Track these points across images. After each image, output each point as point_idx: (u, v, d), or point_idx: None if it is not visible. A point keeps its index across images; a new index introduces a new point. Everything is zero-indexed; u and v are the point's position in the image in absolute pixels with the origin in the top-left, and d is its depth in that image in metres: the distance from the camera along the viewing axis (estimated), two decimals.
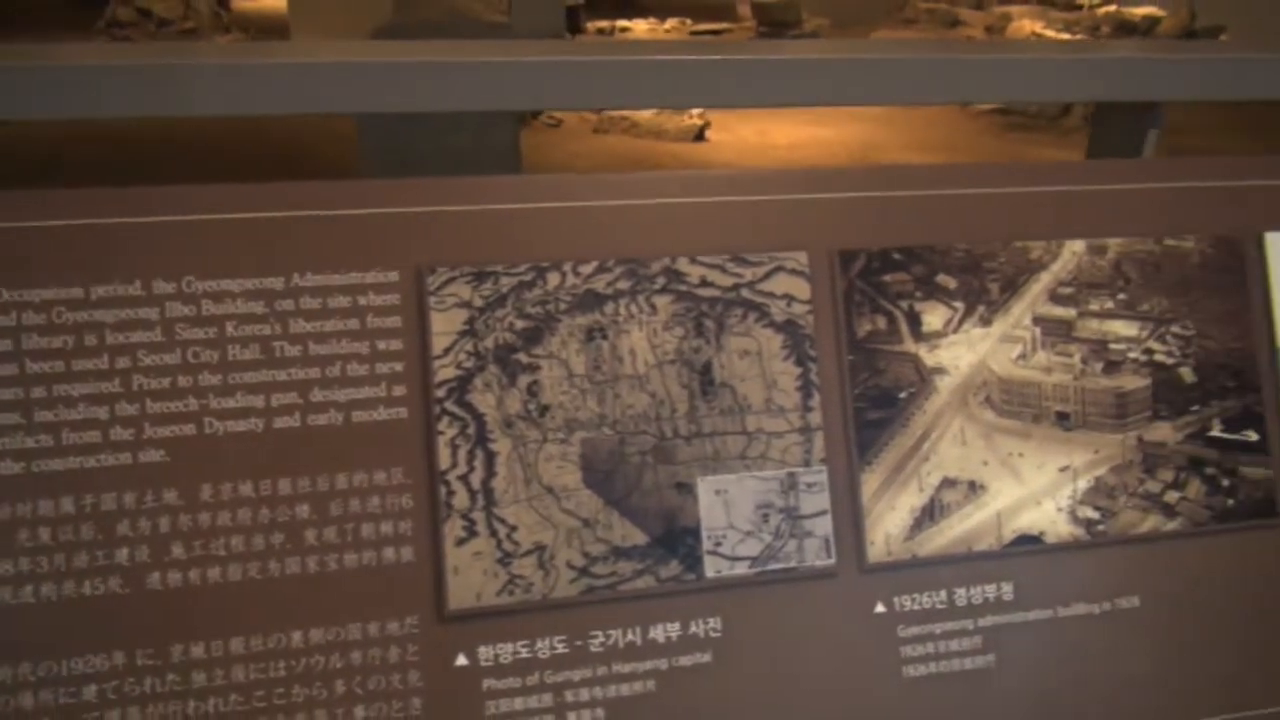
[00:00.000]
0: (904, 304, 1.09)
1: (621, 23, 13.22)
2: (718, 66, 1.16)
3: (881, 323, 1.08)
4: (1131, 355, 1.14)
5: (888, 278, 1.09)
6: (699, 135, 8.29)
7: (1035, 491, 1.10)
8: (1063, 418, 1.12)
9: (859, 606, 1.05)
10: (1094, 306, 1.14)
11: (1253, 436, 1.16)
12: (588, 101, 1.16)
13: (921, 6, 13.33)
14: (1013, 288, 1.12)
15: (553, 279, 1.02)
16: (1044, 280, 1.13)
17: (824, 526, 1.05)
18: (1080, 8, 13.03)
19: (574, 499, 1.00)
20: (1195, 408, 1.15)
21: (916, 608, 1.06)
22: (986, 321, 1.11)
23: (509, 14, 9.19)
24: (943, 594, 1.06)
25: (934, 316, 1.10)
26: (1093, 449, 1.12)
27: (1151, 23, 11.69)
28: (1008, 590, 1.08)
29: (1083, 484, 1.11)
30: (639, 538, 1.01)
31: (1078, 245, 1.14)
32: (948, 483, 1.08)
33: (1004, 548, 1.08)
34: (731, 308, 1.05)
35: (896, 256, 1.10)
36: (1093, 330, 1.13)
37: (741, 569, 1.03)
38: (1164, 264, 1.16)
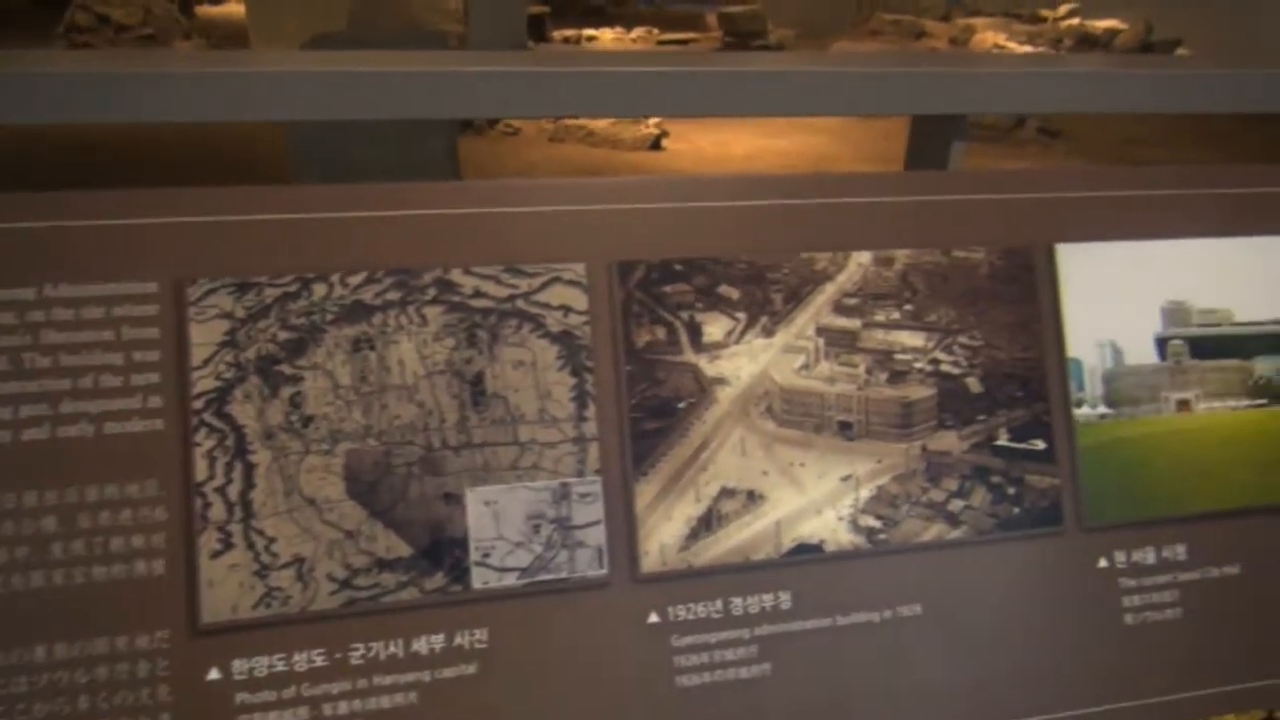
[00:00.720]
0: (684, 315, 1.10)
1: (588, 31, 13.27)
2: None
3: (661, 333, 1.09)
4: (917, 365, 1.15)
5: (668, 288, 1.10)
6: (655, 144, 8.31)
7: (816, 501, 1.11)
8: (845, 427, 1.13)
9: (631, 617, 1.05)
10: (879, 317, 1.15)
11: (1039, 445, 1.17)
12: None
13: (886, 18, 13.44)
14: (797, 299, 1.13)
15: (319, 290, 1.02)
16: (828, 291, 1.14)
17: (597, 537, 1.05)
18: (1044, 20, 13.18)
19: (336, 511, 1.00)
20: (982, 417, 1.16)
21: (691, 617, 1.06)
22: (769, 332, 1.12)
23: (466, 24, 9.20)
24: (719, 603, 1.07)
25: (715, 327, 1.11)
26: (876, 458, 1.13)
27: (1111, 35, 11.84)
28: (785, 599, 1.09)
29: (865, 493, 1.12)
30: (404, 549, 1.01)
31: (864, 256, 1.15)
32: (726, 493, 1.09)
33: (782, 557, 1.09)
34: (506, 319, 1.06)
35: (678, 267, 1.10)
36: (878, 341, 1.15)
37: (510, 580, 1.03)
38: (952, 275, 1.17)
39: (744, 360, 1.11)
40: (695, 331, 1.10)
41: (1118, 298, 1.21)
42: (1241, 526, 1.21)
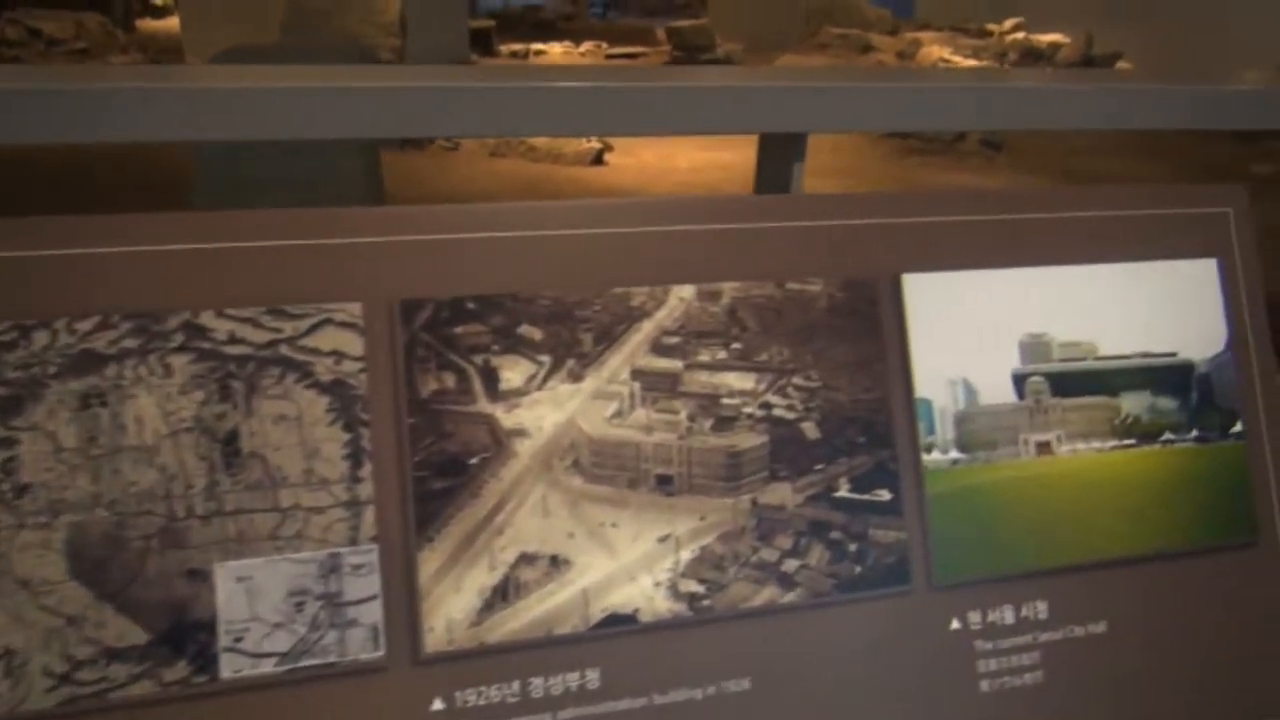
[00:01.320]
0: (478, 359, 0.98)
1: (536, 46, 13.16)
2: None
3: (450, 380, 0.97)
4: (746, 410, 1.04)
5: (459, 330, 0.98)
6: (597, 159, 8.20)
7: (629, 565, 0.99)
8: (664, 481, 1.01)
9: (412, 704, 0.92)
10: (704, 358, 1.04)
11: (884, 496, 1.06)
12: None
13: (834, 32, 13.48)
14: (609, 339, 1.02)
15: (40, 338, 0.89)
16: (646, 330, 1.03)
17: (372, 613, 0.92)
18: (990, 34, 13.28)
19: (56, 594, 0.86)
20: (819, 466, 1.05)
21: (482, 702, 0.94)
22: (577, 377, 1.00)
23: (403, 38, 9.04)
24: (515, 685, 0.95)
25: (514, 372, 0.99)
26: (698, 515, 1.01)
27: (1055, 49, 11.96)
28: (594, 678, 0.97)
29: (686, 555, 1.00)
30: (138, 636, 0.88)
31: (686, 290, 1.04)
32: (525, 559, 0.97)
33: (591, 629, 0.97)
34: (266, 367, 0.93)
35: (471, 306, 0.98)
36: (702, 384, 1.03)
37: (267, 667, 0.90)
38: (786, 309, 1.07)
39: (547, 409, 0.99)
40: (491, 378, 0.98)
41: (971, 332, 1.11)
42: (1108, 579, 1.11)
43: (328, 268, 0.95)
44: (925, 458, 1.08)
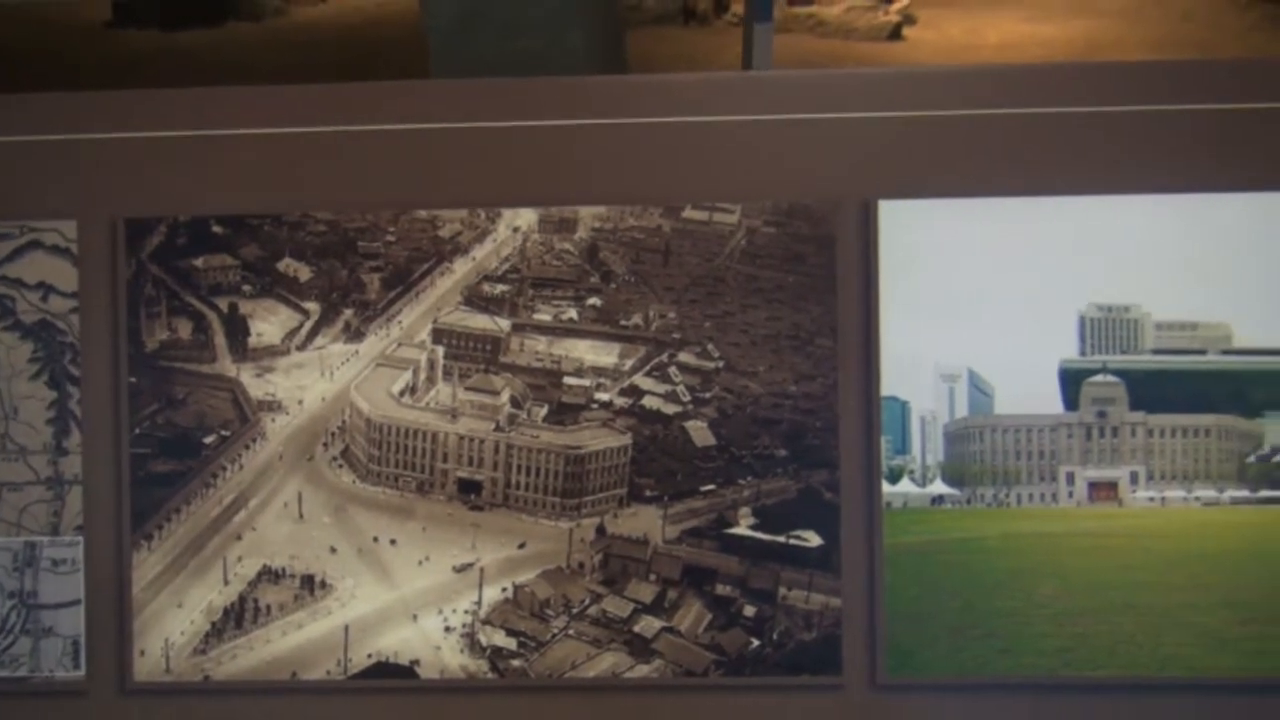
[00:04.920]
0: (223, 302, 0.73)
1: None
2: None
3: (185, 329, 0.73)
4: (602, 396, 0.71)
5: (200, 261, 0.73)
6: (895, 33, 7.44)
7: (410, 599, 0.72)
8: (470, 488, 0.72)
9: None
10: (543, 316, 0.72)
11: (811, 541, 0.70)
12: None
13: None
14: (404, 283, 0.72)
15: None
16: (460, 271, 0.72)
17: (73, 623, 0.73)
18: None
19: None
20: (709, 486, 0.71)
21: None
22: (356, 334, 0.73)
23: None
24: None
25: (270, 323, 0.73)
26: (516, 540, 0.72)
27: None
28: None
29: (493, 594, 0.71)
30: None
31: (524, 217, 0.72)
32: (269, 575, 0.73)
33: (350, 679, 0.72)
34: None
35: (217, 230, 0.73)
36: (538, 354, 0.72)
37: None
38: (679, 249, 0.71)
39: (311, 376, 0.72)
40: (238, 329, 0.73)
41: (989, 294, 0.69)
42: (1195, 712, 0.68)
43: (35, 171, 0.73)
44: (888, 488, 0.70)
